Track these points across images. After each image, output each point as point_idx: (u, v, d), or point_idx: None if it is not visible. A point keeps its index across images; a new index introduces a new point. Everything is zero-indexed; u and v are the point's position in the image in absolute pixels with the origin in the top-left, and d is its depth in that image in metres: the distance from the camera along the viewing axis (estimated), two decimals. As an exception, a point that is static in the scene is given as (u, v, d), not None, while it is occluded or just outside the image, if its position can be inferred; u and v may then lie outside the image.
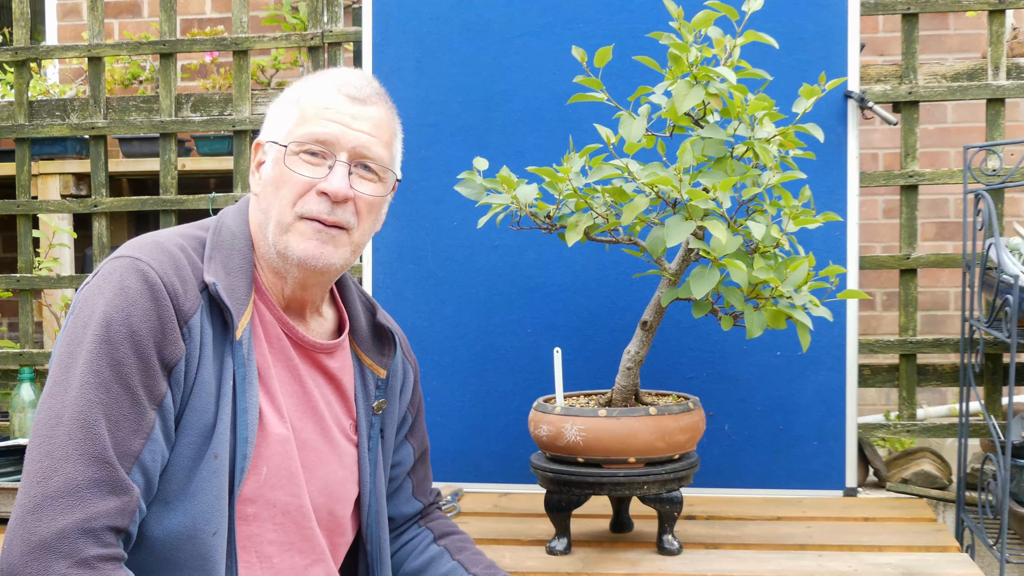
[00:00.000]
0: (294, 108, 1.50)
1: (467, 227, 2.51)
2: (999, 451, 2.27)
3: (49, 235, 3.50)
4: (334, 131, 1.47)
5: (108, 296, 1.34)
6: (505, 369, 2.51)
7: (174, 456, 1.37)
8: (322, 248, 1.46)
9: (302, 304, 1.55)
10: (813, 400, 2.44)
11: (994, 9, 2.65)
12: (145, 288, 1.34)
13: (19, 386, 2.69)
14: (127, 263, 1.36)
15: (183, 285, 1.38)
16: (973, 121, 4.19)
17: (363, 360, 1.63)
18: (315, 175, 1.46)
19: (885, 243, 4.20)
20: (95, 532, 1.26)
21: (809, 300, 1.77)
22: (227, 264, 1.45)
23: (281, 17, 3.79)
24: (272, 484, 1.46)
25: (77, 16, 4.58)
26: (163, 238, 1.43)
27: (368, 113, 1.50)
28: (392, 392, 1.67)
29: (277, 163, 1.48)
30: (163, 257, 1.38)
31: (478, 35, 2.55)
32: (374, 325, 1.65)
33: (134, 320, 1.33)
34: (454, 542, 1.71)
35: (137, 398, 1.32)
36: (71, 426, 1.28)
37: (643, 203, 1.77)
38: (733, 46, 1.80)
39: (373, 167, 1.50)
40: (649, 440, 1.88)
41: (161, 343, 1.34)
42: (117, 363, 1.31)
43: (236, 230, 1.50)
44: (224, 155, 3.74)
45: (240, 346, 1.42)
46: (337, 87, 1.50)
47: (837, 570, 1.87)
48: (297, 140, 1.47)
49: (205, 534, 1.37)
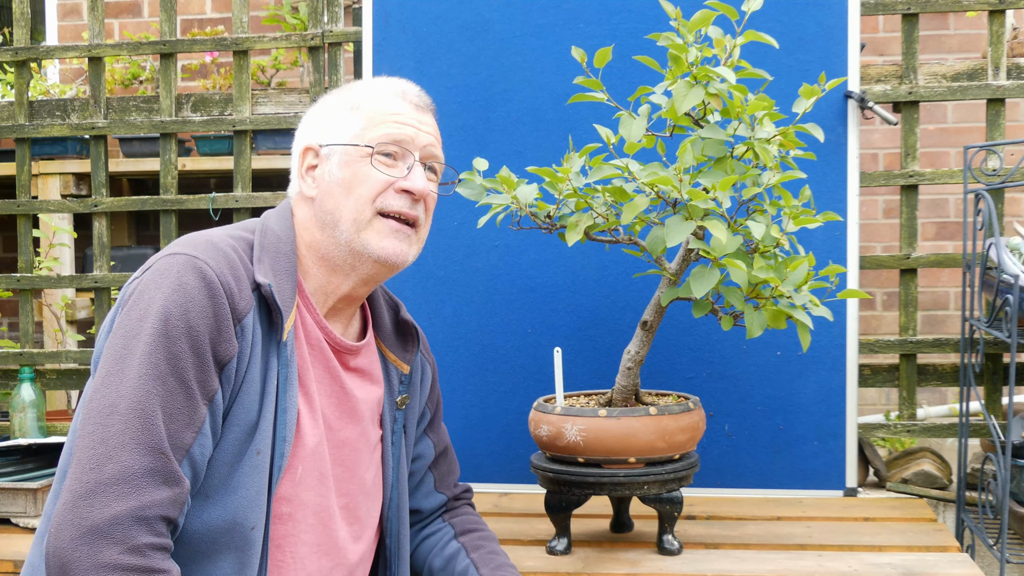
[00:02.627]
0: (354, 114, 1.56)
1: (467, 227, 2.51)
2: (999, 451, 2.27)
3: (49, 235, 3.50)
4: (409, 133, 1.55)
5: (167, 291, 1.36)
6: (505, 369, 2.51)
7: (218, 451, 1.40)
8: (400, 245, 1.54)
9: (349, 303, 1.59)
10: (813, 400, 2.44)
11: (994, 9, 2.65)
12: (203, 285, 1.37)
13: (19, 386, 2.69)
14: (185, 260, 1.39)
15: (238, 284, 1.41)
16: (973, 121, 4.19)
17: (387, 356, 1.68)
18: (394, 174, 1.53)
19: (885, 243, 4.20)
20: (148, 520, 1.28)
21: (809, 300, 1.77)
22: (274, 266, 1.49)
23: (281, 17, 3.78)
24: (306, 485, 1.50)
25: (77, 16, 4.58)
26: (216, 238, 1.46)
27: (428, 120, 1.60)
28: (414, 388, 1.72)
29: (350, 164, 1.53)
30: (219, 256, 1.42)
31: (478, 35, 2.55)
32: (398, 322, 1.71)
33: (192, 316, 1.35)
34: (472, 539, 1.74)
35: (191, 392, 1.35)
36: (128, 415, 1.31)
37: (643, 203, 1.77)
38: (733, 46, 1.80)
39: (437, 168, 1.60)
40: (649, 440, 1.88)
41: (216, 340, 1.37)
42: (174, 357, 1.34)
43: (281, 234, 1.53)
44: (224, 155, 3.75)
45: (285, 347, 1.46)
46: (399, 95, 1.58)
47: (837, 570, 1.87)
48: (376, 140, 1.53)
49: (244, 528, 1.40)
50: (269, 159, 3.61)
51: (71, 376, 3.08)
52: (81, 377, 3.06)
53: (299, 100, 3.17)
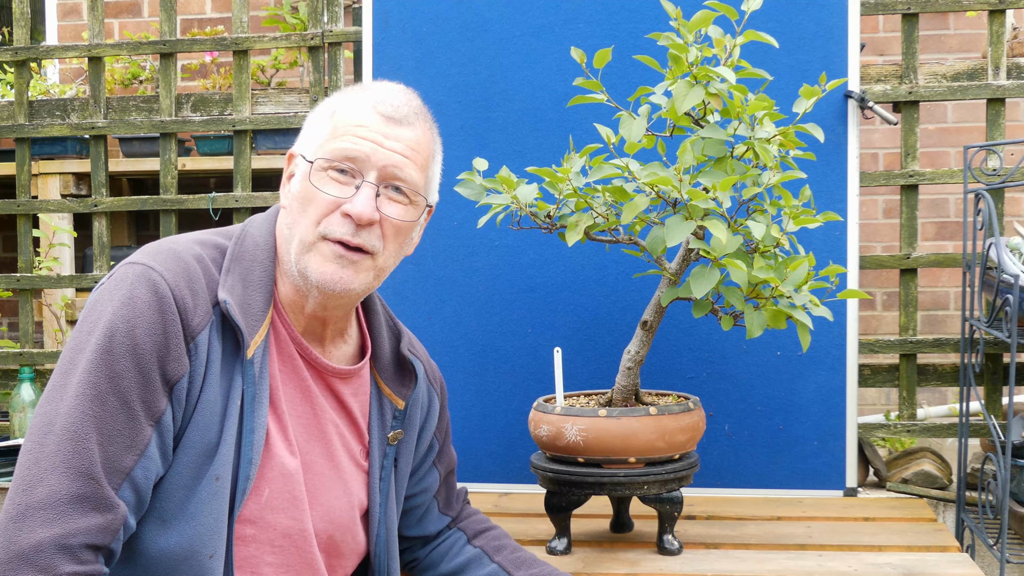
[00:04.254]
0: (328, 122, 1.45)
1: (467, 227, 2.51)
2: (999, 451, 2.27)
3: (49, 235, 3.50)
4: (365, 149, 1.41)
5: (116, 304, 1.31)
6: (505, 369, 2.51)
7: (172, 474, 1.34)
8: (341, 272, 1.41)
9: (323, 324, 1.50)
10: (813, 400, 2.44)
11: (994, 9, 2.65)
12: (154, 300, 1.31)
13: (19, 386, 2.69)
14: (140, 271, 1.33)
15: (194, 299, 1.34)
16: (973, 121, 4.19)
17: (382, 388, 1.58)
18: (341, 195, 1.41)
19: (885, 243, 4.20)
20: (72, 549, 1.23)
21: (809, 300, 1.77)
22: (246, 277, 1.41)
23: (281, 17, 3.79)
24: (273, 507, 1.43)
25: (77, 16, 4.58)
26: (181, 247, 1.39)
27: (403, 134, 1.45)
28: (411, 423, 1.63)
29: (304, 179, 1.43)
30: (177, 268, 1.35)
31: (478, 35, 2.55)
32: (397, 355, 1.61)
33: (138, 332, 1.29)
34: (490, 541, 1.70)
35: (134, 413, 1.29)
36: (61, 437, 1.26)
37: (643, 203, 1.77)
38: (733, 46, 1.80)
39: (404, 189, 1.45)
40: (649, 440, 1.88)
41: (164, 358, 1.31)
42: (116, 376, 1.28)
43: (261, 240, 1.45)
44: (224, 155, 3.75)
45: (252, 365, 1.38)
46: (373, 104, 1.44)
47: (837, 570, 1.87)
48: (325, 156, 1.42)
49: (202, 556, 1.34)
50: (269, 159, 3.61)
51: (71, 376, 3.07)
52: (81, 377, 3.06)
53: (299, 100, 3.17)
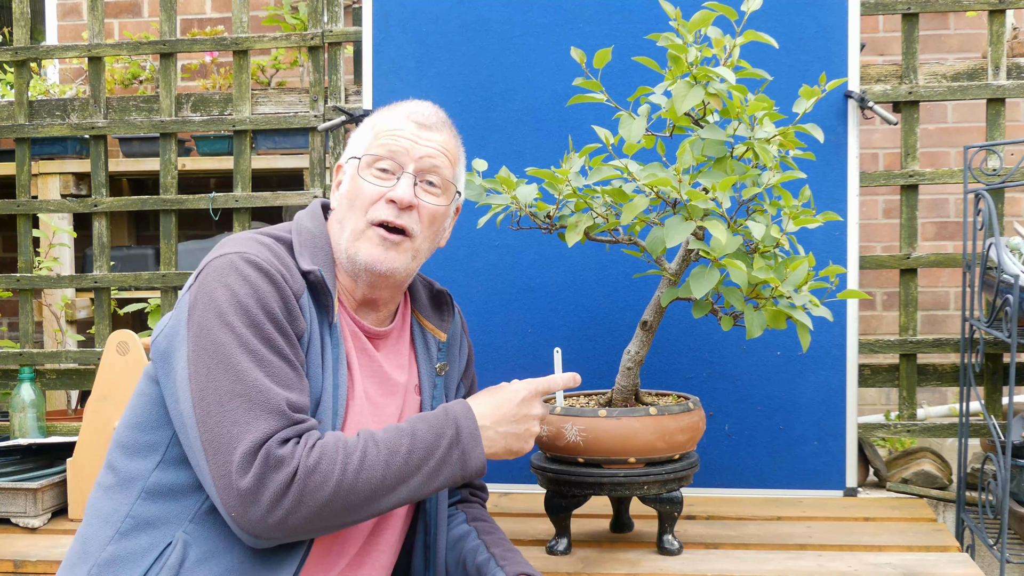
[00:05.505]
0: (369, 131, 1.70)
1: (467, 227, 2.51)
2: (999, 451, 2.27)
3: (49, 235, 3.50)
4: (404, 145, 1.66)
5: (234, 286, 1.49)
6: (505, 369, 2.51)
7: None
8: (385, 253, 1.63)
9: (373, 307, 1.71)
10: (813, 400, 2.44)
11: (994, 9, 2.65)
12: (261, 273, 1.50)
13: (19, 386, 2.69)
14: (235, 258, 1.51)
15: (288, 271, 1.55)
16: (973, 121, 4.19)
17: (425, 326, 1.80)
18: (384, 186, 1.65)
19: (885, 243, 4.20)
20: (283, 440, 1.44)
21: (809, 300, 1.77)
22: (314, 259, 1.61)
23: (281, 17, 3.78)
24: None
25: (77, 16, 4.58)
26: (250, 238, 1.58)
27: (433, 137, 1.70)
28: (452, 356, 1.83)
29: (353, 178, 1.67)
30: (263, 249, 1.55)
31: (478, 35, 2.55)
32: (432, 294, 1.84)
33: (265, 301, 1.49)
34: (483, 527, 1.81)
35: (293, 364, 1.49)
36: (243, 398, 1.43)
37: (643, 203, 1.77)
38: (732, 46, 1.80)
39: (436, 181, 1.68)
40: (649, 440, 1.88)
41: (289, 318, 1.52)
42: (269, 339, 1.47)
43: (315, 231, 1.66)
44: (224, 155, 3.75)
45: (336, 328, 1.60)
46: (408, 114, 1.70)
47: (837, 570, 1.87)
48: (370, 153, 1.66)
49: None
50: (269, 159, 3.61)
51: (71, 376, 3.08)
52: (81, 377, 3.06)
53: (299, 100, 3.17)
